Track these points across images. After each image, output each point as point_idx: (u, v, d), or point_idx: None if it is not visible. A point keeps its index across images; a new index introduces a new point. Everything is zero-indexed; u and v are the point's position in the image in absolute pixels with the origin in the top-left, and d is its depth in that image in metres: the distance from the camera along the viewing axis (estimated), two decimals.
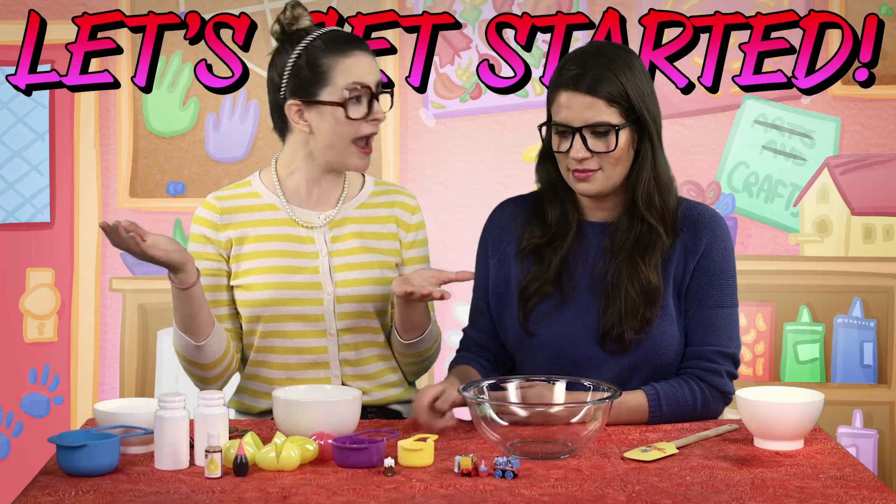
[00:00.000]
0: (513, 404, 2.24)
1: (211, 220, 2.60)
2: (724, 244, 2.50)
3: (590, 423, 2.15)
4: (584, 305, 2.49)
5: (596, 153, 2.41)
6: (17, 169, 3.95)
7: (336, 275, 2.58)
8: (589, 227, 2.53)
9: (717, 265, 2.49)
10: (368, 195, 2.66)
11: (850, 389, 3.97)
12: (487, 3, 3.93)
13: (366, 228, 2.63)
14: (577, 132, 2.40)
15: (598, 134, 2.41)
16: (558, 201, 2.53)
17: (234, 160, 3.95)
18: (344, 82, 2.51)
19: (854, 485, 2.04)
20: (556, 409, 2.20)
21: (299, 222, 2.60)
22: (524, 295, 2.51)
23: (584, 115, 2.40)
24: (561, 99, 2.42)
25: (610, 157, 2.42)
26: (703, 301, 2.48)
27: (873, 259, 3.95)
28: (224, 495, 1.99)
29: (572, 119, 2.41)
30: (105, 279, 3.96)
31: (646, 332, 2.44)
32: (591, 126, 2.40)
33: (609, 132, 2.40)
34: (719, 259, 2.49)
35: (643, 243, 2.46)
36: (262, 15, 3.93)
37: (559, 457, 2.17)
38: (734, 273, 2.52)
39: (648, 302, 2.44)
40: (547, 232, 2.53)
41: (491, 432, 2.17)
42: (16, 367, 3.97)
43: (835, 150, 3.94)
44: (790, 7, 3.89)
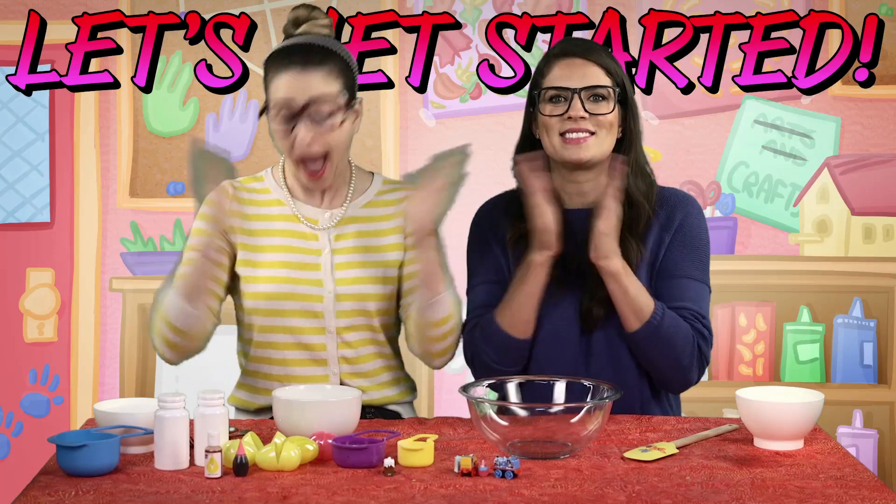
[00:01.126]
0: (513, 404, 2.24)
1: (221, 203, 2.59)
2: (697, 221, 2.57)
3: (590, 424, 2.15)
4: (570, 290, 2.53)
5: (594, 114, 2.48)
6: (17, 169, 3.95)
7: (337, 273, 2.58)
8: (571, 214, 2.56)
9: (689, 239, 2.55)
10: (375, 193, 2.66)
11: (850, 389, 3.97)
12: (487, 3, 3.94)
13: (370, 227, 2.63)
14: (576, 93, 2.48)
15: (595, 97, 2.50)
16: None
17: (234, 160, 3.95)
18: (272, 98, 2.52)
19: (854, 485, 2.04)
20: (556, 409, 2.21)
21: (304, 219, 2.60)
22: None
23: (585, 77, 2.50)
24: (558, 68, 2.52)
25: (605, 122, 2.50)
26: (674, 271, 2.53)
27: (873, 259, 3.95)
28: (224, 495, 1.99)
29: (571, 81, 2.50)
30: (105, 279, 3.96)
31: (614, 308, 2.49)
32: (590, 88, 2.49)
33: (607, 96, 2.50)
34: (692, 234, 2.55)
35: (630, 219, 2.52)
36: (262, 15, 3.94)
37: (559, 457, 2.17)
38: (707, 251, 2.57)
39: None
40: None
41: (491, 432, 2.17)
42: (16, 367, 3.97)
43: (835, 150, 3.94)
44: (790, 7, 3.89)
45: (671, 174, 3.91)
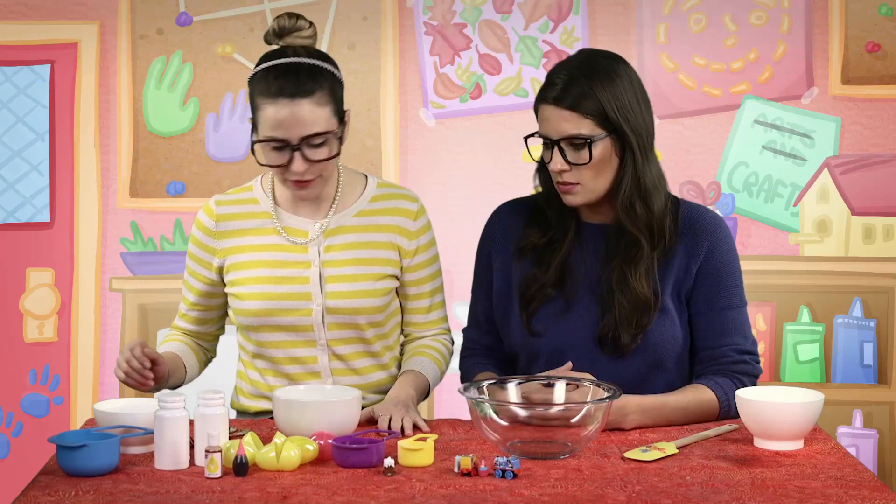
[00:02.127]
0: (513, 404, 2.24)
1: (208, 226, 2.59)
2: (726, 245, 2.52)
3: (590, 424, 2.15)
4: (585, 308, 2.50)
5: (574, 165, 2.43)
6: (17, 169, 3.95)
7: (327, 286, 2.55)
8: (587, 228, 2.54)
9: (721, 266, 2.50)
10: (368, 200, 2.61)
11: (850, 389, 3.97)
12: (487, 3, 3.93)
13: (362, 238, 2.58)
14: (555, 144, 2.43)
15: (575, 146, 2.43)
16: (557, 204, 2.53)
17: (234, 160, 3.95)
18: (263, 132, 2.43)
19: (854, 485, 2.04)
20: (556, 409, 2.20)
21: (294, 230, 2.57)
22: (525, 297, 2.51)
23: (560, 127, 2.42)
24: (542, 112, 2.45)
25: (587, 170, 2.44)
26: (713, 304, 2.50)
27: (873, 259, 3.95)
28: (224, 495, 1.99)
29: (551, 132, 2.44)
30: (105, 279, 3.96)
31: (641, 340, 2.46)
32: (568, 138, 2.42)
33: (587, 145, 2.42)
34: (723, 260, 2.50)
35: (630, 255, 2.48)
36: (262, 15, 3.93)
37: (559, 457, 2.17)
38: (740, 273, 2.53)
39: (641, 310, 2.45)
40: (545, 233, 2.54)
41: (491, 432, 2.17)
42: (16, 367, 3.96)
43: (835, 150, 3.94)
44: (790, 7, 3.89)
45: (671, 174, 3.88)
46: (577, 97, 2.41)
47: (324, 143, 2.44)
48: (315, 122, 2.42)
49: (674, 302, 2.49)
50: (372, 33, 3.90)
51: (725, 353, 2.49)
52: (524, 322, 2.51)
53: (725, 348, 2.49)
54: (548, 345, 2.50)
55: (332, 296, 2.54)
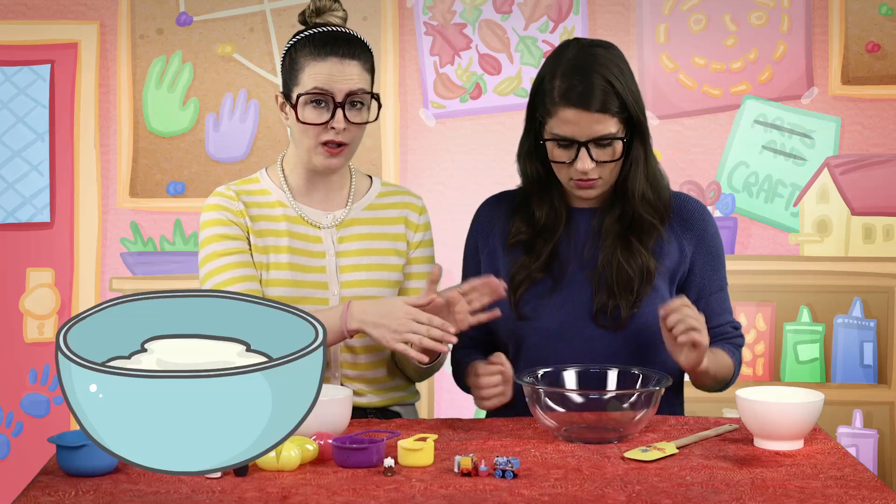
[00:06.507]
0: (567, 391, 2.33)
1: (229, 205, 2.57)
2: (714, 229, 2.61)
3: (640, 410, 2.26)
4: (576, 286, 2.53)
5: (600, 163, 2.45)
6: (17, 169, 3.95)
7: (342, 276, 2.58)
8: (576, 213, 2.57)
9: (713, 251, 2.60)
10: (376, 195, 2.66)
11: (850, 389, 3.97)
12: (487, 3, 3.94)
13: (373, 230, 2.62)
14: (583, 146, 2.44)
15: (602, 145, 2.45)
16: (546, 196, 2.55)
17: (234, 160, 3.95)
18: (309, 84, 2.50)
19: (854, 485, 2.04)
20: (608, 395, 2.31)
21: (308, 221, 2.59)
22: (514, 282, 2.53)
23: (590, 130, 2.43)
24: (565, 115, 2.44)
25: (612, 165, 2.47)
26: (710, 287, 2.59)
27: (873, 259, 3.95)
28: (224, 495, 1.99)
29: (579, 134, 2.44)
30: (105, 279, 3.96)
31: (638, 308, 2.49)
32: (597, 139, 2.44)
33: (613, 142, 2.45)
34: (713, 245, 2.60)
35: (637, 227, 2.52)
36: (262, 15, 3.94)
37: (612, 441, 2.27)
38: (724, 253, 2.65)
39: (643, 279, 2.50)
40: (533, 227, 2.56)
41: (546, 418, 2.27)
42: (16, 367, 3.97)
43: (835, 150, 3.94)
44: (790, 7, 3.90)
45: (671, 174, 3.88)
46: (603, 99, 2.42)
47: (363, 107, 2.52)
48: (360, 84, 2.50)
49: (666, 284, 2.54)
50: (372, 33, 3.90)
51: (724, 330, 2.59)
52: (512, 304, 2.52)
53: (722, 327, 2.59)
54: (537, 326, 2.53)
55: (348, 285, 2.57)
